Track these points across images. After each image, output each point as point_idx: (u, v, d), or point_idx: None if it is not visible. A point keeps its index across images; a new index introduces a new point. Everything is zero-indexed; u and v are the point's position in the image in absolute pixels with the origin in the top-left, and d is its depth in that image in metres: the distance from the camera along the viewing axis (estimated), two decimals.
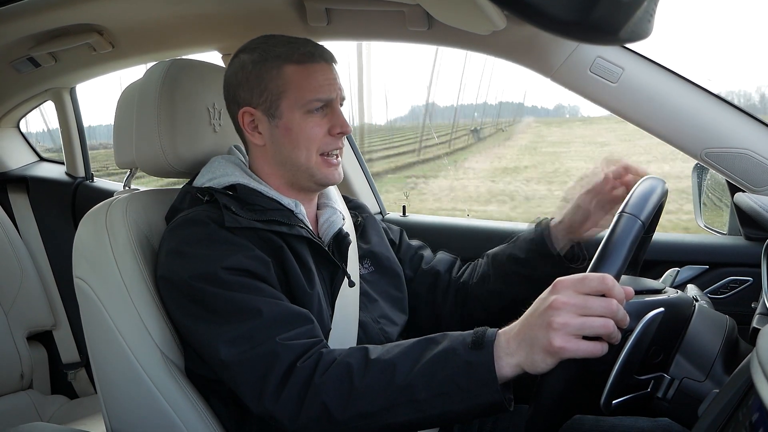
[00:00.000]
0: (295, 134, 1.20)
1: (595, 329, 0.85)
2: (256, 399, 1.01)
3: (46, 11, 1.63)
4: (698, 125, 1.37)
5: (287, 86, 1.18)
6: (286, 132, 1.20)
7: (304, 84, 1.18)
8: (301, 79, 1.18)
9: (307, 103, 1.18)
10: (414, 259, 1.46)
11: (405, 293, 1.39)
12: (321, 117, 1.20)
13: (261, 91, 1.20)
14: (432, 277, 1.43)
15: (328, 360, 1.00)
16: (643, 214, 0.93)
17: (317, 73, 1.19)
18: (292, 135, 1.20)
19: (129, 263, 1.18)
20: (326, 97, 1.19)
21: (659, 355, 0.96)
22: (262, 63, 1.19)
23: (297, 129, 1.19)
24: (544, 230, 1.30)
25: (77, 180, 2.48)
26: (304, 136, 1.19)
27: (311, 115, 1.19)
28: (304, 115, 1.19)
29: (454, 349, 0.93)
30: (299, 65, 1.18)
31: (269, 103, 1.20)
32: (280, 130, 1.20)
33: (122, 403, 1.20)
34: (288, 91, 1.18)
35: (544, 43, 1.41)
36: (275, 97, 1.19)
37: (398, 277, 1.39)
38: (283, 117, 1.19)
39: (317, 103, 1.18)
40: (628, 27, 0.58)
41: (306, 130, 1.19)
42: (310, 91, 1.18)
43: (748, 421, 0.64)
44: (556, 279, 0.90)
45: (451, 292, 1.42)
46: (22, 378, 2.26)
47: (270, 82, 1.19)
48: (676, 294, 1.03)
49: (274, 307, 1.06)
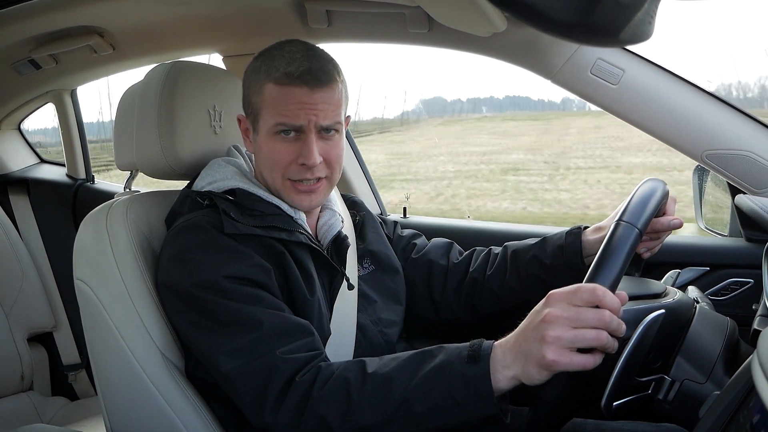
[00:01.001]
0: (264, 154, 1.18)
1: (587, 341, 0.85)
2: (256, 412, 1.01)
3: (47, 13, 1.63)
4: (699, 127, 1.37)
5: (263, 104, 1.16)
6: (259, 149, 1.20)
7: (275, 106, 1.14)
8: (275, 100, 1.14)
9: (272, 126, 1.15)
10: (406, 248, 1.44)
11: (403, 286, 1.38)
12: (291, 142, 1.15)
13: (248, 104, 1.20)
14: (426, 266, 1.41)
15: (326, 374, 1.00)
16: (640, 222, 0.93)
17: (291, 96, 1.13)
18: (262, 154, 1.19)
19: (129, 265, 1.18)
20: (292, 123, 1.14)
21: (658, 362, 0.96)
22: (255, 74, 1.17)
23: (265, 150, 1.17)
24: (576, 240, 1.26)
25: (78, 182, 2.48)
26: (269, 158, 1.17)
27: (280, 138, 1.15)
28: (272, 136, 1.15)
29: (451, 362, 0.93)
30: (278, 86, 1.14)
31: (252, 116, 1.19)
32: (257, 146, 1.20)
33: (122, 405, 1.20)
34: (263, 110, 1.16)
35: (545, 44, 1.41)
36: (256, 112, 1.18)
37: (398, 273, 1.38)
38: (260, 133, 1.18)
39: (280, 127, 1.14)
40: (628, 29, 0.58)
41: (272, 153, 1.16)
42: (278, 115, 1.14)
43: (749, 423, 0.64)
44: (549, 291, 0.90)
45: (452, 280, 1.39)
46: (22, 379, 2.26)
47: (254, 96, 1.18)
48: (677, 295, 1.03)
49: (275, 319, 1.05)
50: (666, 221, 1.17)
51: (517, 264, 1.33)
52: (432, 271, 1.41)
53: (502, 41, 1.44)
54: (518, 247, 1.35)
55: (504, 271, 1.34)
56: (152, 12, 1.66)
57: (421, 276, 1.41)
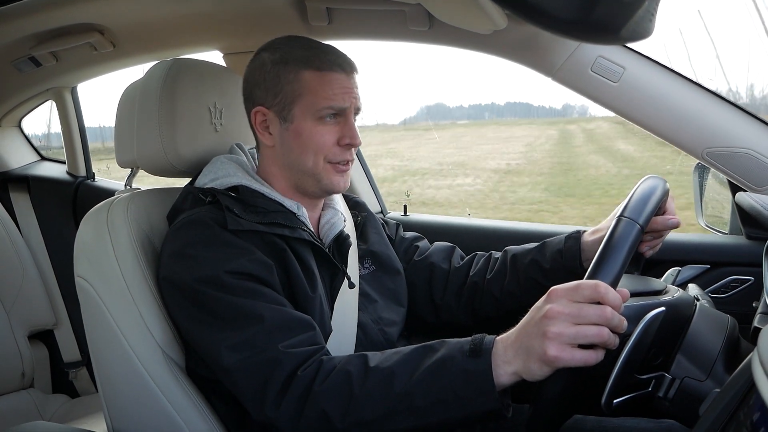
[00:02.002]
0: (304, 140, 1.19)
1: (589, 338, 0.85)
2: (258, 406, 1.01)
3: (47, 11, 1.63)
4: (700, 124, 1.37)
5: (303, 91, 1.18)
6: (295, 136, 1.19)
7: (319, 91, 1.17)
8: (317, 86, 1.17)
9: (319, 110, 1.17)
10: (408, 251, 1.45)
11: (404, 287, 1.39)
12: (332, 125, 1.19)
13: (276, 93, 1.20)
14: (428, 269, 1.42)
15: (328, 368, 1.00)
16: (642, 217, 0.93)
17: (334, 81, 1.18)
18: (301, 140, 1.19)
19: (130, 262, 1.18)
20: (339, 106, 1.18)
21: (658, 359, 0.96)
22: (282, 65, 1.19)
23: (307, 135, 1.19)
24: (575, 245, 1.27)
25: (78, 179, 2.48)
26: (313, 142, 1.19)
27: (322, 122, 1.18)
28: (315, 121, 1.18)
29: (452, 357, 0.94)
30: (317, 71, 1.18)
31: (282, 105, 1.19)
32: (290, 134, 1.20)
33: (123, 402, 1.20)
34: (302, 96, 1.18)
35: (545, 42, 1.41)
36: (289, 100, 1.19)
37: (399, 274, 1.39)
38: (295, 121, 1.19)
39: (329, 111, 1.18)
40: (629, 26, 0.58)
41: (315, 137, 1.18)
42: (324, 99, 1.17)
43: (749, 421, 0.64)
44: (551, 288, 0.90)
45: (453, 284, 1.40)
46: (23, 377, 2.26)
47: (287, 84, 1.19)
48: (678, 293, 1.03)
49: (277, 313, 1.06)
50: (664, 220, 1.17)
51: (517, 268, 1.34)
52: (433, 274, 1.41)
53: (502, 39, 1.44)
54: (518, 252, 1.37)
55: (504, 275, 1.35)
56: (152, 9, 1.66)
57: (423, 279, 1.42)
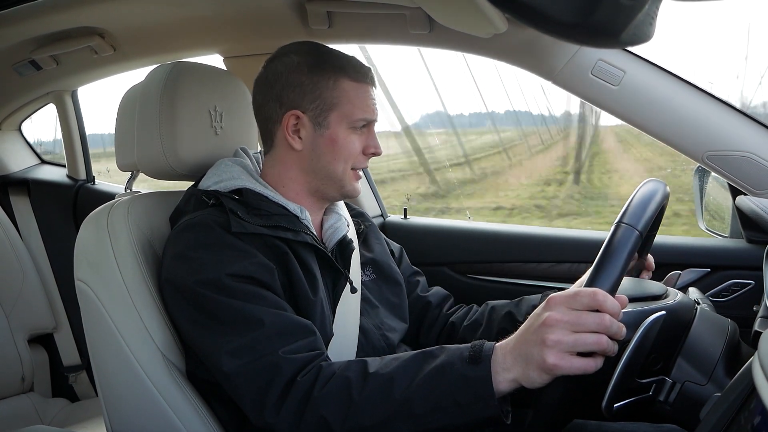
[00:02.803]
0: (339, 146, 1.21)
1: (588, 346, 0.85)
2: (257, 412, 1.01)
3: (47, 14, 1.63)
4: (700, 128, 1.37)
5: (341, 99, 1.20)
6: (330, 142, 1.21)
7: (356, 101, 1.21)
8: (355, 96, 1.21)
9: (355, 120, 1.21)
10: (410, 283, 1.45)
11: (405, 302, 1.39)
12: (360, 135, 1.23)
13: (314, 98, 1.20)
14: (423, 307, 1.43)
15: (327, 373, 1.00)
16: (641, 223, 0.92)
17: (367, 92, 1.23)
18: (335, 146, 1.21)
19: (130, 266, 1.18)
20: (370, 118, 1.23)
21: (661, 359, 0.96)
22: (320, 70, 1.20)
23: (342, 142, 1.21)
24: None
25: (78, 182, 2.48)
26: (346, 150, 1.22)
27: (355, 131, 1.22)
28: (348, 130, 1.21)
29: (452, 363, 0.94)
30: (355, 82, 1.21)
31: (319, 111, 1.20)
32: (324, 140, 1.21)
33: (123, 406, 1.20)
34: (340, 104, 1.20)
35: (546, 46, 1.41)
36: (327, 106, 1.20)
37: (399, 285, 1.39)
38: (330, 127, 1.21)
39: (363, 122, 1.22)
40: (629, 30, 0.58)
41: (349, 145, 1.22)
42: (360, 109, 1.21)
43: (750, 425, 0.64)
44: (549, 295, 0.90)
45: (437, 326, 1.42)
46: (23, 381, 2.26)
47: (326, 90, 1.20)
48: (678, 296, 1.03)
49: (277, 318, 1.05)
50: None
51: (492, 318, 1.35)
52: (426, 315, 1.43)
53: (502, 42, 1.44)
54: (496, 304, 1.39)
55: (479, 324, 1.37)
56: (153, 13, 1.66)
57: (416, 316, 1.42)
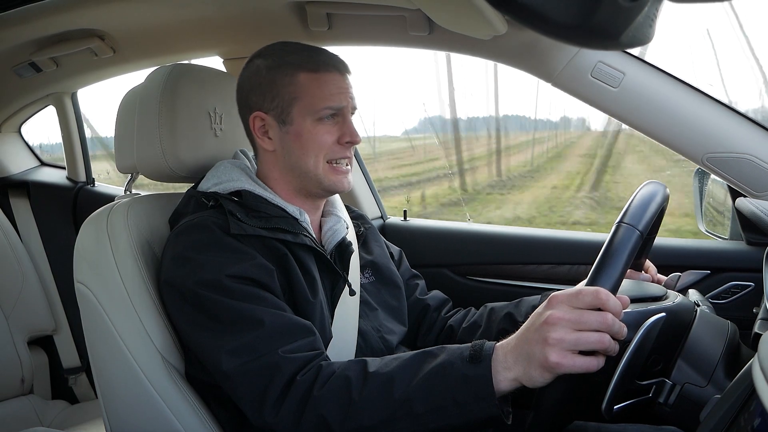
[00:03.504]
0: (304, 140, 1.20)
1: (590, 344, 0.85)
2: (257, 411, 1.01)
3: (47, 16, 1.63)
4: (700, 130, 1.37)
5: (300, 93, 1.19)
6: (296, 138, 1.20)
7: (316, 92, 1.19)
8: (314, 87, 1.19)
9: (318, 111, 1.19)
10: (409, 286, 1.45)
11: (404, 305, 1.38)
12: (331, 125, 1.21)
13: (273, 97, 1.21)
14: (422, 310, 1.43)
15: (327, 373, 1.00)
16: (642, 223, 0.92)
17: (329, 81, 1.20)
18: (301, 141, 1.20)
19: (130, 267, 1.18)
20: (337, 106, 1.20)
21: (661, 361, 0.96)
22: (276, 69, 1.20)
23: (307, 135, 1.20)
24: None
25: (78, 184, 2.48)
26: (313, 142, 1.20)
27: (322, 122, 1.20)
28: (314, 122, 1.19)
29: (452, 363, 0.94)
30: (313, 73, 1.20)
31: (281, 108, 1.20)
32: (290, 136, 1.21)
33: (123, 408, 1.20)
34: (300, 98, 1.19)
35: (545, 47, 1.41)
36: (287, 103, 1.20)
37: (398, 288, 1.39)
38: (294, 123, 1.20)
39: (328, 111, 1.19)
40: (629, 32, 0.58)
41: (315, 137, 1.20)
42: (321, 99, 1.19)
43: (750, 427, 0.64)
44: (550, 295, 0.90)
45: (435, 329, 1.41)
46: (22, 383, 2.26)
47: (283, 88, 1.20)
48: (678, 298, 1.03)
49: (277, 318, 1.06)
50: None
51: (491, 320, 1.35)
52: (425, 318, 1.43)
53: (502, 44, 1.44)
54: (495, 306, 1.38)
55: (477, 327, 1.36)
56: (153, 15, 1.66)
57: (415, 319, 1.42)
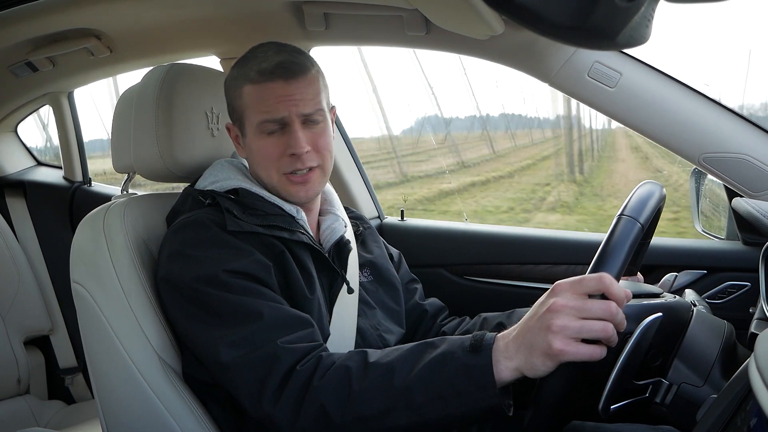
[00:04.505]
0: (255, 154, 1.21)
1: (594, 332, 0.85)
2: (255, 402, 1.01)
3: (44, 16, 1.63)
4: (696, 130, 1.37)
5: (245, 107, 1.19)
6: (250, 151, 1.22)
7: (256, 105, 1.17)
8: (254, 100, 1.18)
9: (259, 125, 1.17)
10: (408, 290, 1.45)
11: (402, 307, 1.38)
12: (279, 136, 1.18)
13: (232, 110, 1.23)
14: (419, 315, 1.43)
15: (327, 363, 1.00)
16: (642, 216, 0.93)
17: (268, 91, 1.16)
18: (253, 155, 1.22)
19: (126, 267, 1.18)
20: (275, 118, 1.16)
21: (657, 360, 0.96)
22: (233, 81, 1.21)
23: (255, 149, 1.20)
24: None
25: (75, 184, 2.48)
26: (261, 156, 1.20)
27: (267, 136, 1.18)
28: (259, 135, 1.18)
29: (453, 352, 0.93)
30: (254, 85, 1.17)
31: (239, 122, 1.22)
32: (248, 149, 1.22)
33: (119, 408, 1.20)
34: (246, 112, 1.19)
35: (542, 47, 1.41)
36: (240, 116, 1.21)
37: (396, 290, 1.38)
38: (247, 136, 1.21)
39: (269, 125, 1.17)
40: (625, 32, 0.58)
41: (261, 150, 1.19)
42: (260, 113, 1.17)
43: (746, 426, 0.64)
44: (555, 282, 0.90)
45: (430, 336, 1.40)
46: (19, 383, 2.25)
47: (234, 101, 1.21)
48: (674, 299, 1.03)
49: (275, 311, 1.06)
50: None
51: (483, 329, 1.33)
52: (421, 324, 1.43)
53: (499, 44, 1.44)
54: (488, 316, 1.37)
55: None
56: (150, 15, 1.66)
57: (412, 323, 1.42)
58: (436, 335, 1.40)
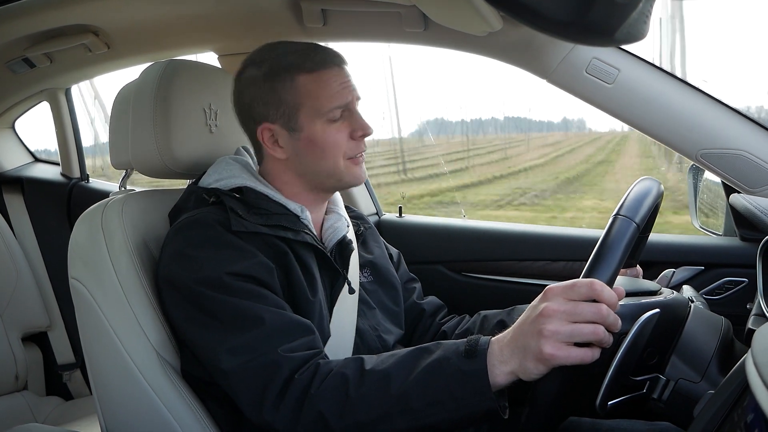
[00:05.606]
0: (319, 145, 1.17)
1: (585, 336, 0.85)
2: (256, 410, 1.01)
3: (41, 12, 1.62)
4: (694, 126, 1.37)
5: (303, 97, 1.16)
6: (308, 143, 1.18)
7: (320, 93, 1.16)
8: (317, 88, 1.16)
9: (326, 113, 1.16)
10: (407, 289, 1.44)
11: (402, 308, 1.38)
12: (341, 122, 1.18)
13: (277, 105, 1.17)
14: (417, 314, 1.42)
15: (324, 371, 1.00)
16: (638, 216, 0.93)
17: (331, 79, 1.16)
18: (316, 146, 1.18)
19: (125, 264, 1.17)
20: (344, 103, 1.17)
21: (655, 356, 0.96)
22: (274, 75, 1.17)
23: (321, 139, 1.17)
24: None
25: (72, 181, 2.47)
26: (329, 145, 1.17)
27: (332, 122, 1.17)
28: (325, 124, 1.17)
29: (448, 358, 0.94)
30: (312, 73, 1.16)
31: (287, 116, 1.17)
32: (302, 143, 1.18)
33: (117, 405, 1.20)
34: (304, 102, 1.16)
35: (540, 44, 1.41)
36: (293, 109, 1.17)
37: (396, 290, 1.38)
38: (304, 129, 1.17)
39: (336, 112, 1.16)
40: (623, 28, 0.58)
41: (330, 139, 1.17)
42: (327, 100, 1.16)
43: (744, 422, 0.64)
44: (546, 287, 0.90)
45: (429, 335, 1.41)
46: (16, 379, 2.25)
47: (285, 94, 1.17)
48: (671, 295, 1.03)
49: (277, 317, 1.05)
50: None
51: (484, 327, 1.34)
52: (419, 323, 1.42)
53: (497, 40, 1.44)
54: (488, 313, 1.37)
55: (470, 334, 1.34)
56: (147, 11, 1.65)
57: (410, 322, 1.41)
58: (434, 334, 1.40)
